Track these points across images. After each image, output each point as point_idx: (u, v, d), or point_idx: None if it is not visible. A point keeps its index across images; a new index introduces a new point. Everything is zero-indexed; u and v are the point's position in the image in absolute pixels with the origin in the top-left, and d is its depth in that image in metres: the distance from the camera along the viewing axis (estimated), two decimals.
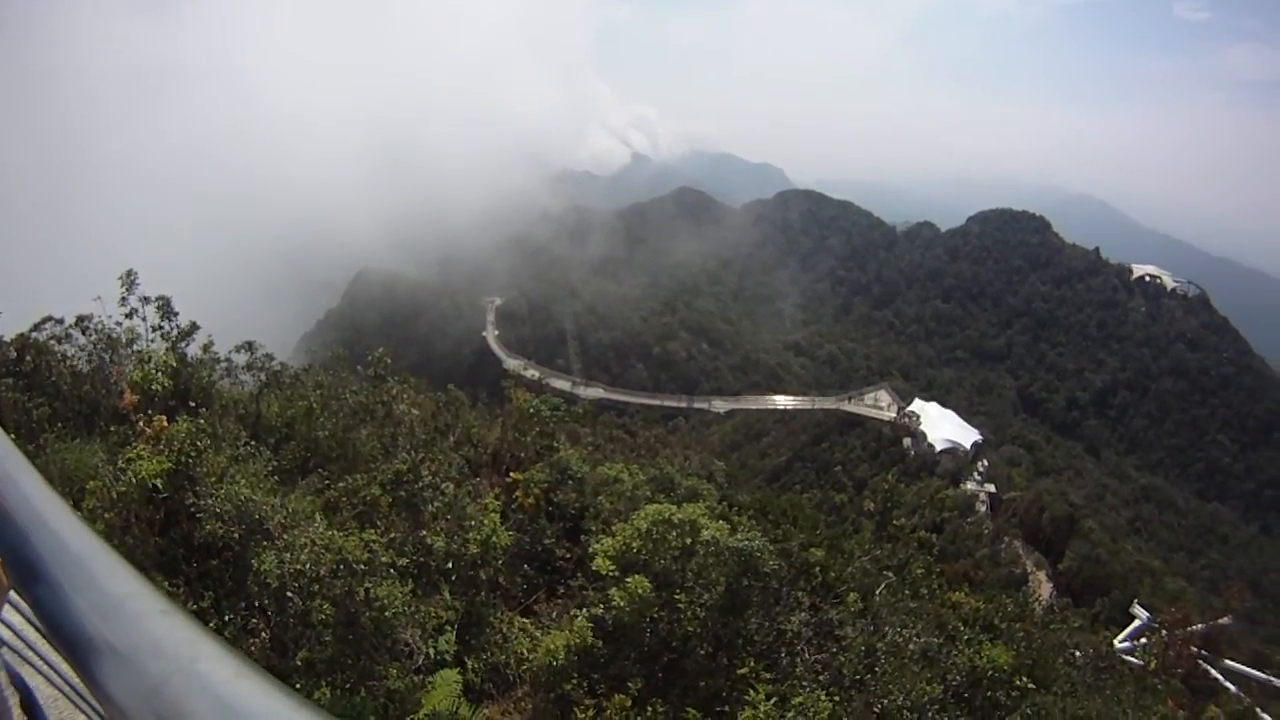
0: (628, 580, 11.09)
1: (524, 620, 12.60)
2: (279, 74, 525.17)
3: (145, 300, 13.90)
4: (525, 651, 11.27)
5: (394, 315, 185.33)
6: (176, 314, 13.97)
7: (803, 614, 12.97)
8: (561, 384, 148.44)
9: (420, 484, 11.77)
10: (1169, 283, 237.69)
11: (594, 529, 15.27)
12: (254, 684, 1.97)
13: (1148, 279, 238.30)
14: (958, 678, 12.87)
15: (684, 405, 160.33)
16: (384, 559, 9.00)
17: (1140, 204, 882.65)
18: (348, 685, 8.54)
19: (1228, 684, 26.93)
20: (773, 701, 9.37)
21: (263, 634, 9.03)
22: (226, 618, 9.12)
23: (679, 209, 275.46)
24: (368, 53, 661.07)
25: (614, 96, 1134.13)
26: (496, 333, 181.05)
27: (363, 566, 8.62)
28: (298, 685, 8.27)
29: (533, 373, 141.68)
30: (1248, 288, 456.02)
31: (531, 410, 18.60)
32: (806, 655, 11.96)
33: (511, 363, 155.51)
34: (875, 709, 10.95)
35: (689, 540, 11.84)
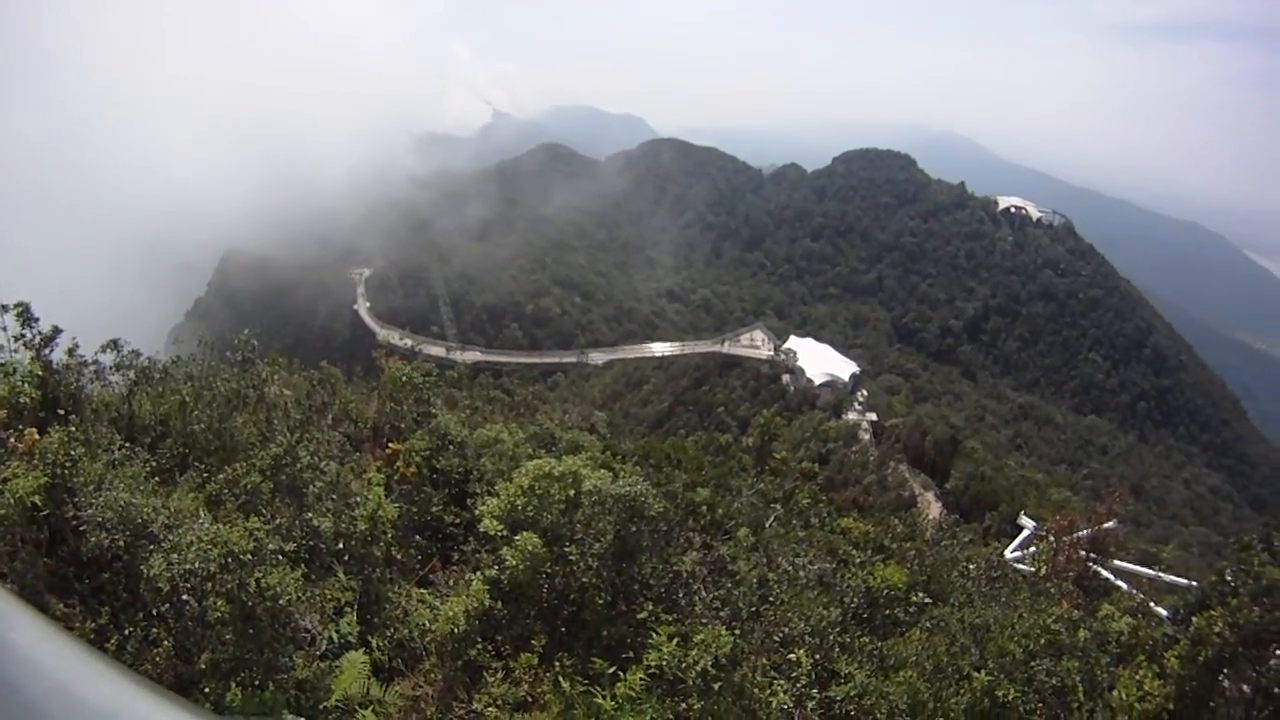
0: (517, 538, 11.01)
1: (421, 591, 12.35)
2: (128, 57, 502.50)
3: (3, 308, 13.44)
4: (427, 623, 11.05)
5: (264, 297, 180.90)
6: (37, 320, 13.49)
7: (695, 553, 13.02)
8: (437, 350, 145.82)
9: (299, 466, 11.57)
10: (1034, 213, 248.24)
11: (479, 491, 14.93)
12: (59, 645, 2.21)
13: (1013, 210, 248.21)
14: (855, 600, 13.12)
15: (562, 360, 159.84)
16: (271, 547, 8.85)
17: (1005, 140, 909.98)
18: (256, 682, 8.33)
19: (1119, 582, 27.90)
20: (675, 641, 9.33)
21: (165, 642, 8.77)
22: (127, 631, 8.82)
23: (543, 165, 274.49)
24: (217, 30, 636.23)
25: (472, 54, 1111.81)
26: (368, 304, 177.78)
27: (249, 557, 8.46)
28: (206, 689, 8.13)
29: (407, 341, 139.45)
30: (1112, 216, 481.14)
31: (404, 379, 18.46)
32: (703, 593, 11.95)
33: (385, 333, 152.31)
34: (776, 637, 11.10)
35: (573, 492, 11.82)
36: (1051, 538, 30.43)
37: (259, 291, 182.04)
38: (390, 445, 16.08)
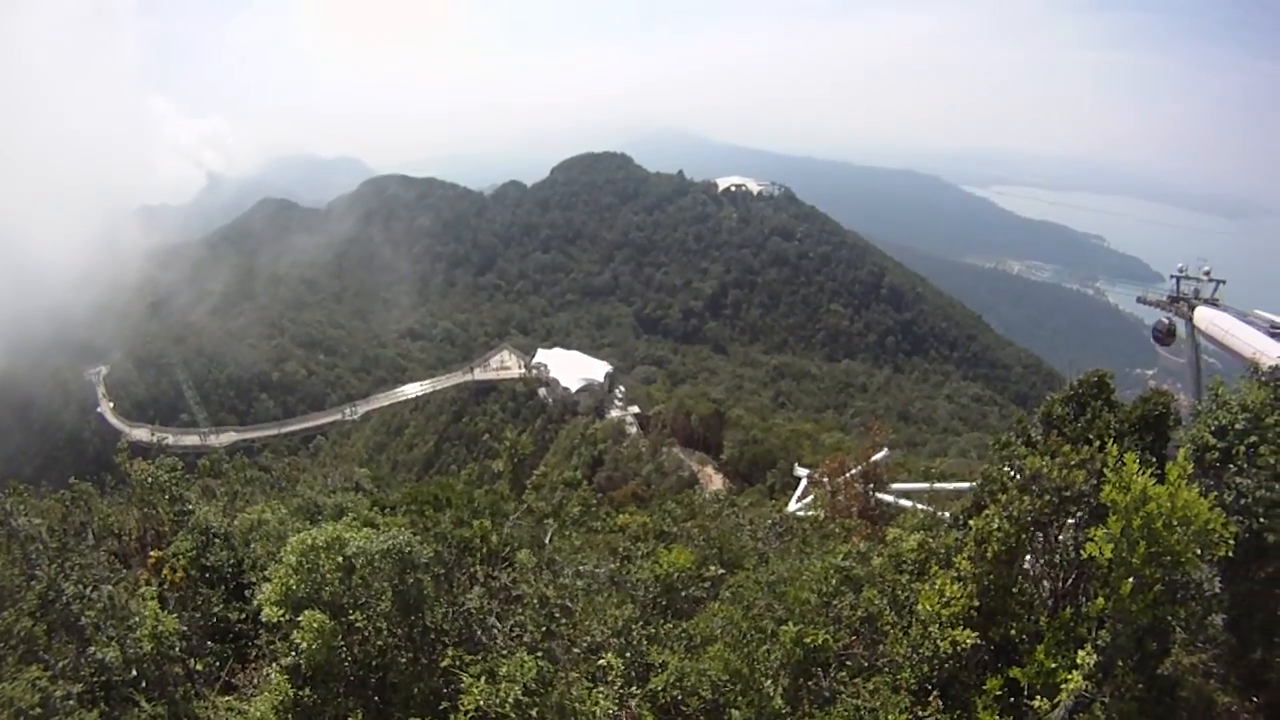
0: (301, 619, 10.82)
1: (227, 699, 12.05)
2: None
3: None
4: None
5: (4, 416, 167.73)
6: None
7: (479, 588, 13.15)
8: (191, 439, 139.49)
9: (66, 598, 11.22)
10: (754, 187, 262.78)
11: (255, 580, 14.56)
12: None
13: (734, 189, 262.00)
14: (648, 591, 13.44)
15: (320, 423, 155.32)
16: (59, 694, 8.56)
17: (723, 125, 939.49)
18: None
19: (904, 503, 29.19)
20: (484, 679, 9.72)
21: None
22: None
23: (266, 222, 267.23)
24: None
25: (178, 113, 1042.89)
26: (111, 404, 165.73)
27: (39, 710, 8.14)
28: None
29: (158, 436, 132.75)
30: (831, 177, 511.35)
31: (151, 481, 17.84)
32: (498, 625, 12.26)
33: (136, 433, 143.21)
34: (579, 648, 11.59)
35: (341, 558, 11.69)
36: (825, 481, 32.06)
37: None
38: (152, 553, 15.74)
